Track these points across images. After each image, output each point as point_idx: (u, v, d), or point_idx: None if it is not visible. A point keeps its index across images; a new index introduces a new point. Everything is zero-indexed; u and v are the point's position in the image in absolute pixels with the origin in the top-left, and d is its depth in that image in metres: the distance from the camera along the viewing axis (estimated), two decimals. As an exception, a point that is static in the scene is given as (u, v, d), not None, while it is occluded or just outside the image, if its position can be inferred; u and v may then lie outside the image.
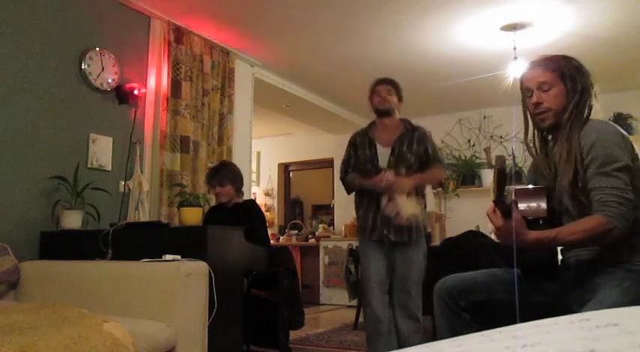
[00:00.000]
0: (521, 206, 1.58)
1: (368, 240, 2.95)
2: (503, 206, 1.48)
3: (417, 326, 2.88)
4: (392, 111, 3.02)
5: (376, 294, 2.89)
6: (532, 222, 1.57)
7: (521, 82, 1.79)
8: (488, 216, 1.55)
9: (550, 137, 1.80)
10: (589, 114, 1.67)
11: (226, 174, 3.36)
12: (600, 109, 1.71)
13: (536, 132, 1.80)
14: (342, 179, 3.13)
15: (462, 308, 1.71)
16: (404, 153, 2.93)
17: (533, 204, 1.63)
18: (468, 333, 0.69)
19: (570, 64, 1.71)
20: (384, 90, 3.04)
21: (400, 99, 3.08)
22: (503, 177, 1.43)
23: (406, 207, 2.71)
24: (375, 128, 3.08)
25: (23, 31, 3.02)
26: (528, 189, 1.73)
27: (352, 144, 3.11)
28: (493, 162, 1.51)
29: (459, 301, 1.71)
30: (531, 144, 1.81)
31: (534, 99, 1.71)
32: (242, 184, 3.44)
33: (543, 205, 1.63)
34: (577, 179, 1.59)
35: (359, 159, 3.03)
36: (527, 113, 1.80)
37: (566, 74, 1.69)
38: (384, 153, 2.97)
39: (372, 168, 2.95)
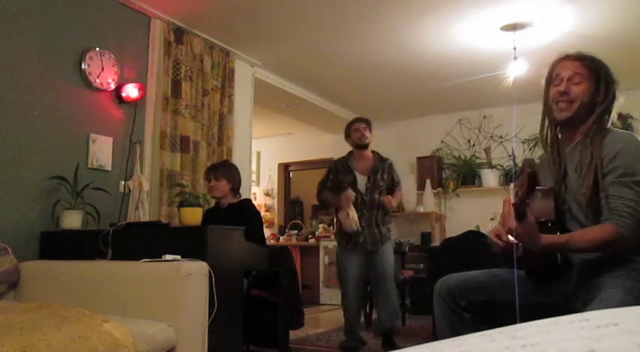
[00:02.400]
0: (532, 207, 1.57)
1: (345, 249, 3.69)
2: (520, 208, 1.47)
3: (395, 311, 3.66)
4: (368, 144, 3.74)
5: (352, 296, 3.64)
6: (541, 223, 1.56)
7: (552, 69, 1.77)
8: (501, 219, 1.54)
9: (559, 132, 1.77)
10: (608, 121, 1.68)
11: (224, 170, 3.39)
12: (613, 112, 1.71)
13: (550, 126, 1.78)
14: (318, 195, 3.81)
15: (462, 307, 1.70)
16: (377, 180, 3.71)
17: (543, 204, 1.62)
18: (468, 333, 0.69)
19: (608, 69, 1.71)
20: (362, 127, 3.73)
21: (371, 129, 3.79)
22: (534, 181, 1.42)
23: (355, 217, 3.57)
24: (353, 158, 3.78)
25: (23, 30, 3.02)
26: (537, 189, 1.72)
27: (333, 170, 3.80)
28: (521, 164, 1.50)
29: (460, 300, 1.70)
30: (545, 138, 1.78)
31: (562, 87, 1.69)
32: (239, 185, 3.44)
33: (552, 206, 1.63)
34: (597, 190, 1.58)
35: (341, 182, 3.70)
36: (548, 105, 1.77)
37: (602, 76, 1.69)
38: (361, 180, 3.71)
39: (352, 190, 3.65)
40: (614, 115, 1.71)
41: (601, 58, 1.74)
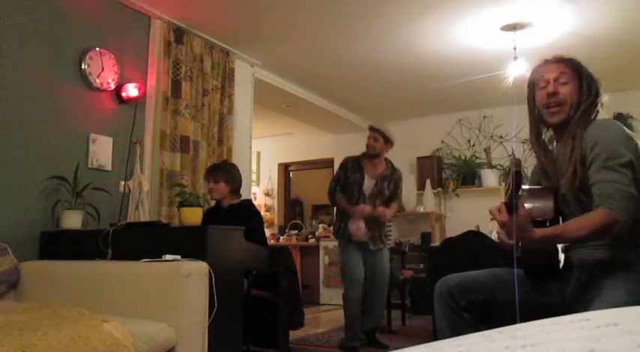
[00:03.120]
0: (529, 206, 1.55)
1: (349, 247, 3.78)
2: (510, 205, 1.46)
3: (382, 308, 3.95)
4: (378, 154, 3.82)
5: (357, 286, 3.71)
6: (539, 222, 1.54)
7: (534, 74, 1.78)
8: (490, 212, 1.51)
9: (552, 135, 1.80)
10: (595, 117, 1.69)
11: (223, 172, 3.37)
12: (603, 112, 1.73)
13: (541, 130, 1.80)
14: (331, 194, 3.88)
15: (462, 307, 1.70)
16: (384, 188, 3.82)
17: (541, 205, 1.61)
18: (468, 333, 0.69)
19: (587, 69, 1.74)
20: (372, 136, 3.82)
21: (386, 141, 3.81)
22: (519, 180, 1.42)
23: (363, 228, 3.76)
24: (365, 160, 3.85)
25: (23, 30, 3.02)
26: (535, 189, 1.71)
27: (344, 166, 3.86)
28: (510, 164, 1.51)
29: (460, 300, 1.70)
30: (535, 143, 1.80)
31: (550, 88, 1.70)
32: (239, 186, 3.43)
33: (550, 206, 1.61)
34: (574, 178, 1.60)
35: (348, 180, 3.78)
36: (535, 110, 1.79)
37: (584, 75, 1.72)
38: (368, 182, 3.80)
39: (357, 190, 3.78)
40: (601, 112, 1.72)
41: (580, 60, 1.77)
